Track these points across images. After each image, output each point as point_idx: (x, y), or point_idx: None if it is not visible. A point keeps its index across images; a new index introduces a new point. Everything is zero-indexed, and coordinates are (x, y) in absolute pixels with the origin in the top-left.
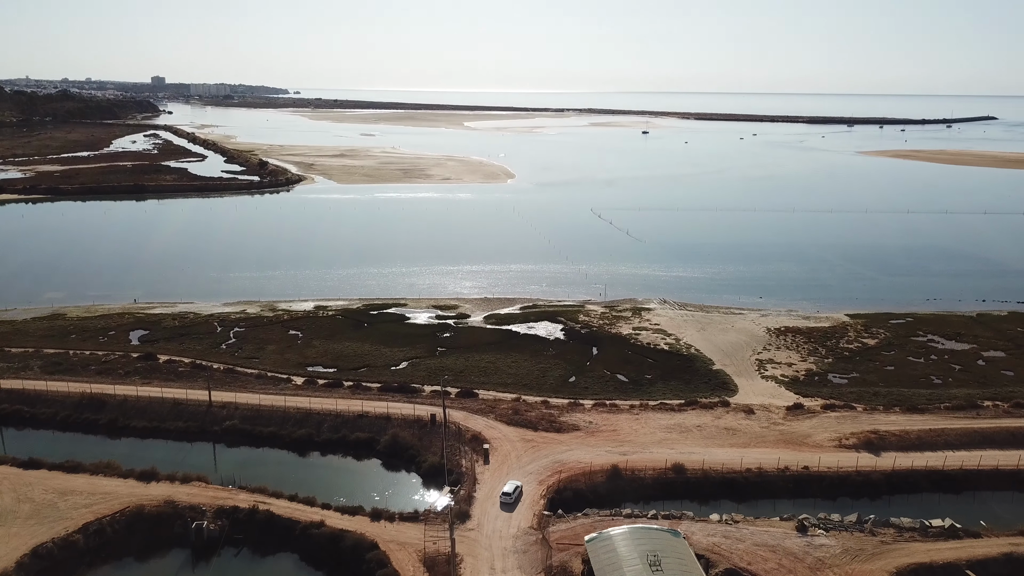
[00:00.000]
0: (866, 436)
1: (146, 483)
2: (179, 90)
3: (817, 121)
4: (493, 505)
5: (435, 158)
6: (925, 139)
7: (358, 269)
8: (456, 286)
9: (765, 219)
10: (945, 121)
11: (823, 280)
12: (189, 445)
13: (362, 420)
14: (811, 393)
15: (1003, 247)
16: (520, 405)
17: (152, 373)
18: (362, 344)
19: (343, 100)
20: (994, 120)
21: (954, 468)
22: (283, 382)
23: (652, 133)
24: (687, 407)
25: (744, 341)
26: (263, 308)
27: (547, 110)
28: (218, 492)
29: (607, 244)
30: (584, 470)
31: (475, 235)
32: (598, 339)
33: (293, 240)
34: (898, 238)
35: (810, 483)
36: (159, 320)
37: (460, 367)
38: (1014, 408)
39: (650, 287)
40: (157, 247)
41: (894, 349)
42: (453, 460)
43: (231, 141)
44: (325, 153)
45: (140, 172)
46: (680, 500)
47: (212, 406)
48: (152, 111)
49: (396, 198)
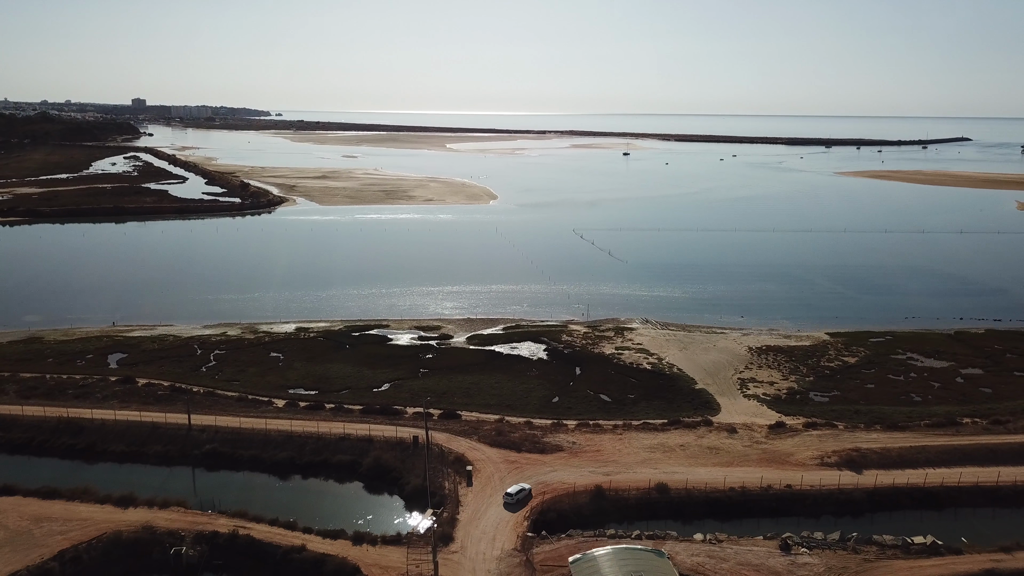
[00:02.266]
0: (848, 454)
1: (124, 508)
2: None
3: (796, 142)
4: (476, 527)
5: (417, 179)
6: (902, 160)
7: (340, 290)
8: (439, 307)
9: (745, 239)
10: (921, 142)
11: (803, 299)
12: (168, 469)
13: (344, 442)
14: (793, 411)
15: (979, 265)
16: (503, 426)
17: (131, 396)
18: (344, 366)
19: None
20: (968, 141)
21: (935, 485)
22: (264, 405)
23: (633, 154)
24: (670, 426)
25: (726, 360)
26: (244, 330)
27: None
28: (197, 517)
29: (589, 264)
30: (568, 491)
31: (458, 256)
32: (581, 359)
33: (275, 262)
34: (876, 257)
35: (793, 501)
36: (138, 343)
37: (443, 388)
38: (993, 425)
39: (632, 307)
40: (137, 270)
41: (874, 367)
42: (436, 482)
43: (212, 163)
44: (307, 175)
45: (120, 194)
46: (664, 520)
47: (192, 429)
48: (133, 133)
49: (378, 219)
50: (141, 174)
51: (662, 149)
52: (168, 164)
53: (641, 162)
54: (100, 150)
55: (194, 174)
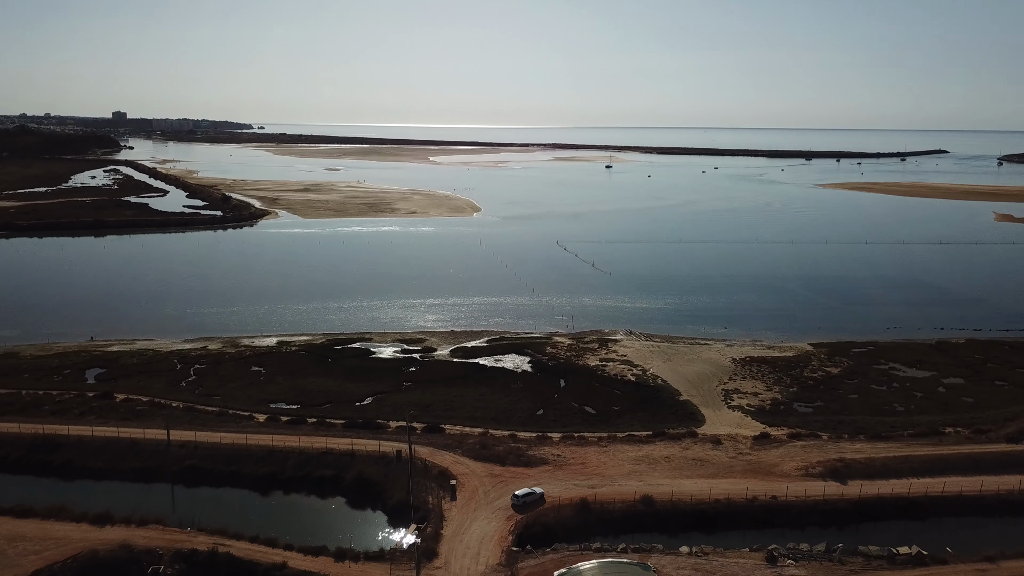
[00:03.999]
0: (832, 464)
1: (100, 527)
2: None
3: (776, 155)
4: (461, 542)
5: (401, 192)
6: (881, 172)
7: (322, 304)
8: (422, 319)
9: (728, 251)
10: (899, 154)
11: (786, 310)
12: (147, 486)
13: (326, 457)
14: (777, 422)
15: (958, 276)
16: (487, 439)
17: (109, 412)
18: (326, 380)
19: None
20: (946, 153)
21: (919, 495)
22: (245, 419)
23: (616, 167)
24: (655, 438)
25: (710, 371)
26: (225, 344)
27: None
28: (176, 535)
29: (573, 276)
30: (552, 504)
31: (442, 268)
32: (565, 371)
33: (257, 275)
34: (858, 268)
35: (779, 513)
36: (117, 358)
37: (426, 401)
38: (975, 434)
39: (616, 318)
40: (116, 283)
41: (857, 377)
42: (419, 497)
43: (194, 176)
44: (290, 187)
45: (99, 207)
46: (650, 533)
47: (171, 445)
48: (113, 146)
49: (361, 232)
50: (121, 187)
51: (644, 161)
52: (149, 177)
53: (624, 174)
54: (80, 163)
55: (175, 187)
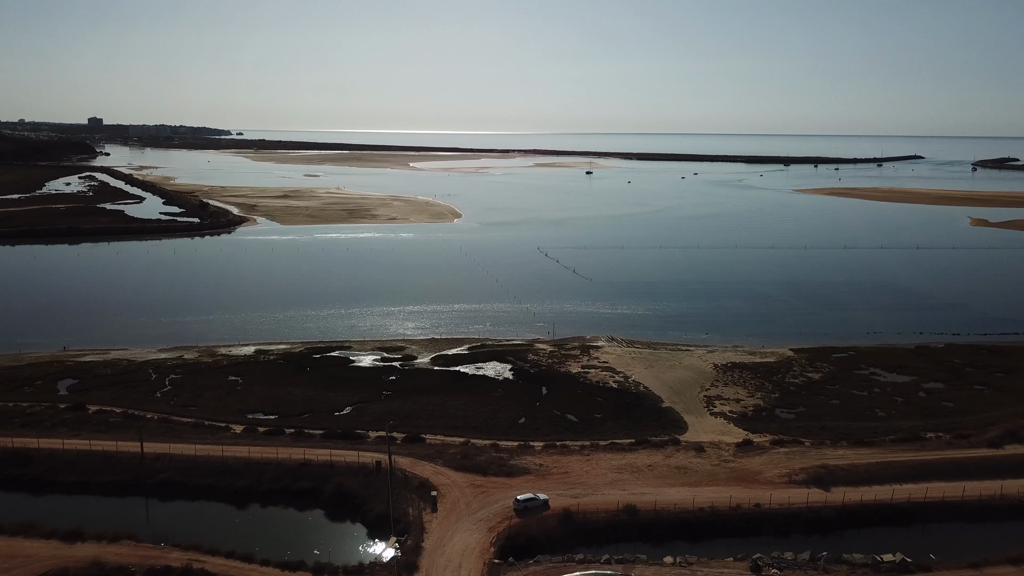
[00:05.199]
0: (815, 471)
1: (71, 543)
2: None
3: (755, 160)
4: (442, 555)
5: (381, 198)
6: (858, 177)
7: (301, 311)
8: (402, 327)
9: (708, 256)
10: (876, 160)
11: (767, 315)
12: (120, 500)
13: (305, 469)
14: (760, 429)
15: (936, 280)
16: (469, 449)
17: (81, 424)
18: (305, 389)
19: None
20: (921, 159)
21: (902, 501)
22: (221, 431)
23: (596, 173)
24: (638, 446)
25: (692, 378)
26: (201, 354)
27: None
28: (149, 551)
29: (555, 282)
30: (535, 515)
31: (422, 275)
32: (547, 378)
33: (235, 283)
34: (837, 273)
35: (762, 521)
36: (90, 368)
37: (407, 411)
38: (956, 439)
39: (598, 325)
40: (90, 292)
41: (838, 382)
42: (400, 509)
43: (171, 183)
44: (268, 194)
45: (74, 215)
46: (633, 542)
47: (145, 458)
48: (88, 153)
49: (341, 239)
50: (97, 194)
51: (625, 167)
52: (125, 184)
53: (604, 180)
54: (54, 170)
55: (151, 194)
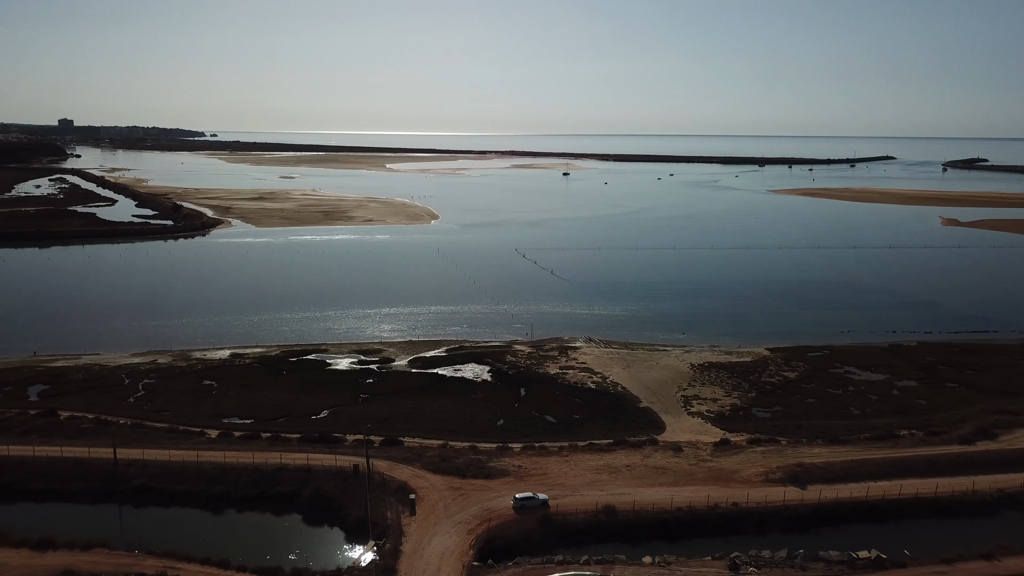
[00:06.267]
0: (792, 469)
1: (42, 552)
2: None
3: (730, 161)
4: (421, 559)
5: (357, 200)
6: (831, 178)
7: (277, 314)
8: (379, 329)
9: (685, 257)
10: (849, 161)
11: (743, 315)
12: (92, 508)
13: (281, 474)
14: (737, 428)
15: (908, 280)
16: (447, 452)
17: (53, 431)
18: (281, 393)
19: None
20: (893, 160)
21: (877, 498)
22: (196, 436)
23: (573, 174)
24: (616, 447)
25: (669, 378)
26: (175, 358)
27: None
28: (123, 558)
29: (533, 283)
30: (514, 517)
31: (399, 277)
32: (526, 380)
33: (209, 286)
34: (812, 272)
35: (740, 519)
36: (62, 373)
37: (385, 414)
38: (929, 436)
39: (576, 325)
40: (61, 296)
41: (814, 381)
42: (378, 512)
43: (143, 185)
44: (243, 196)
45: (45, 218)
46: (613, 543)
47: (118, 464)
48: (59, 155)
49: (317, 240)
50: (68, 197)
51: (601, 169)
52: (96, 186)
53: (581, 182)
54: (24, 172)
55: (124, 196)
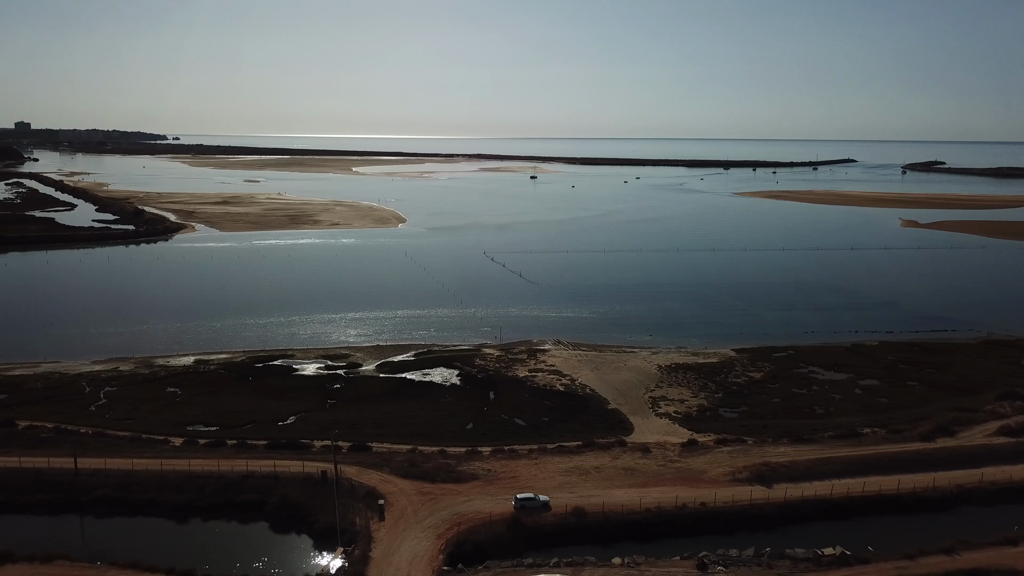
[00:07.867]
0: (758, 469)
1: (0, 566)
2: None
3: (696, 164)
4: (390, 564)
5: (323, 203)
6: (795, 180)
7: (242, 320)
8: (346, 334)
9: (651, 259)
10: (811, 164)
11: (709, 316)
12: (53, 519)
13: (248, 481)
14: (704, 428)
15: (870, 280)
16: (416, 456)
17: (10, 441)
18: (247, 399)
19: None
20: (854, 163)
21: (841, 496)
22: (160, 444)
23: (540, 178)
24: (585, 448)
25: (637, 379)
26: (138, 365)
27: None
28: (85, 570)
29: (501, 287)
30: (484, 520)
31: (367, 281)
32: (495, 383)
33: (172, 291)
34: (776, 274)
35: (708, 519)
36: (20, 382)
37: (352, 419)
38: (891, 434)
39: (544, 328)
40: (19, 303)
41: (779, 381)
42: (347, 519)
43: (104, 189)
44: (207, 200)
45: (1, 223)
46: (583, 545)
47: (79, 474)
48: (16, 158)
49: (282, 245)
50: (25, 201)
51: (568, 172)
52: (55, 191)
53: (549, 185)
54: None
55: (84, 201)
